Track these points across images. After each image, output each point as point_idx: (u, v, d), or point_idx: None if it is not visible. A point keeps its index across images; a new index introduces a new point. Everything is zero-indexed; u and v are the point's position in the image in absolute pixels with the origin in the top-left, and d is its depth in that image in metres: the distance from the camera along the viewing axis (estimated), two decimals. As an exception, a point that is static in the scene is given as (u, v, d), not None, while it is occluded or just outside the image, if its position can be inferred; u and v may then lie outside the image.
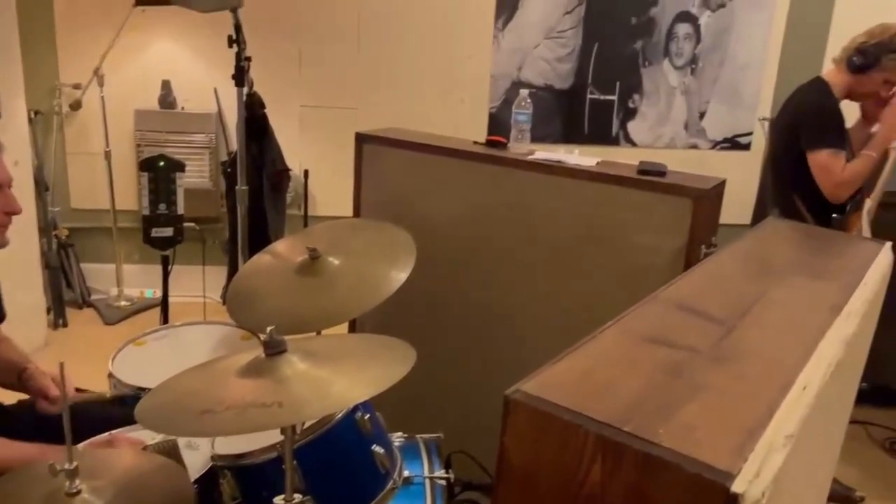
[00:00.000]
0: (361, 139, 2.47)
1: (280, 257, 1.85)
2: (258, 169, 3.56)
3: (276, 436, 1.32)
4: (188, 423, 1.13)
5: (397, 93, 4.05)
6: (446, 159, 2.28)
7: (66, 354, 1.80)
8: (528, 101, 2.28)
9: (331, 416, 1.39)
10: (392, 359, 1.24)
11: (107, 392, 1.78)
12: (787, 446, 0.66)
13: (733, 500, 0.59)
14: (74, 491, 1.10)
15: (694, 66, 4.19)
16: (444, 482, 1.67)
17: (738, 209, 3.04)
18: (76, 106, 3.78)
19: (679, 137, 4.30)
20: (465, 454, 1.96)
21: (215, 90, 3.78)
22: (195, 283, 3.68)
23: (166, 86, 3.86)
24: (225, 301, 1.81)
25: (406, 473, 1.57)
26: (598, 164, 2.11)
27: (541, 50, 4.08)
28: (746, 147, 4.32)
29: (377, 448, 1.45)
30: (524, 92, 2.30)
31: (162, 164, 2.79)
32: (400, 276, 1.69)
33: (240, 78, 2.64)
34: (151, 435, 1.45)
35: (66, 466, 1.10)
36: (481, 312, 2.28)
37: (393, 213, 2.32)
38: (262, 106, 3.45)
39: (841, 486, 2.56)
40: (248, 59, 2.63)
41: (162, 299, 3.01)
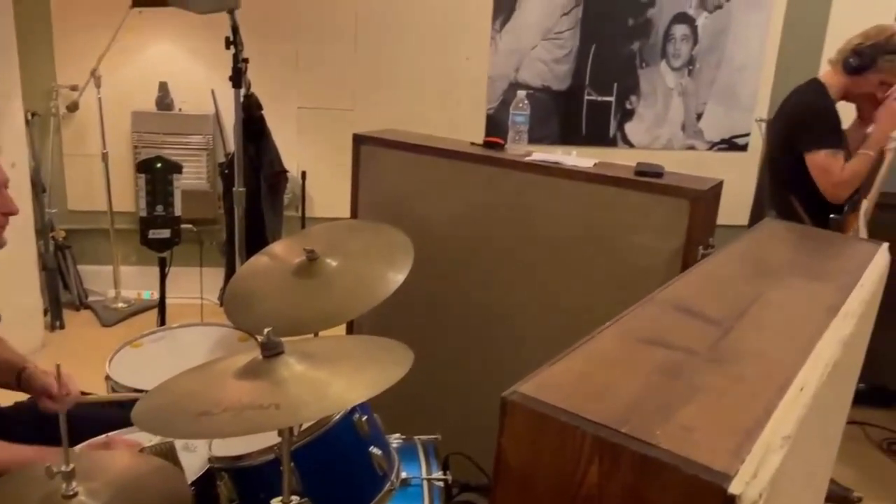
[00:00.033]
0: (359, 140, 2.47)
1: (277, 259, 1.85)
2: (255, 170, 3.56)
3: (273, 437, 1.32)
4: (185, 425, 1.13)
5: (395, 94, 4.05)
6: (444, 160, 2.28)
7: (63, 356, 1.79)
8: (526, 102, 2.28)
9: (328, 418, 1.38)
10: (389, 360, 1.24)
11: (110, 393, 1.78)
12: (784, 447, 0.66)
13: (730, 502, 0.59)
14: (71, 493, 1.10)
15: (691, 68, 4.20)
16: (441, 484, 1.67)
17: (735, 210, 3.05)
18: (73, 107, 3.78)
19: (676, 138, 4.30)
20: (463, 455, 1.95)
21: (213, 92, 3.77)
22: (192, 285, 3.68)
23: (163, 87, 3.85)
24: (222, 303, 1.80)
25: (404, 475, 1.57)
26: (595, 165, 2.11)
27: (538, 51, 4.09)
28: (744, 148, 4.33)
29: (375, 450, 1.45)
30: (521, 93, 2.30)
31: (159, 165, 2.79)
32: (397, 278, 1.69)
33: (237, 79, 2.63)
34: (148, 437, 1.45)
35: (63, 468, 1.10)
36: (479, 314, 2.28)
37: (390, 214, 2.32)
38: (260, 107, 3.44)
39: (838, 486, 2.57)
40: (246, 61, 2.62)
41: (159, 301, 3.01)
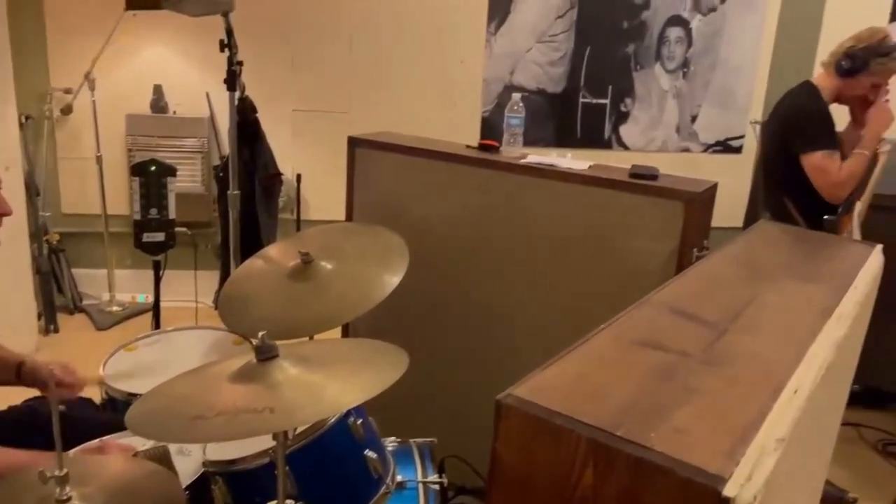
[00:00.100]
0: (354, 143, 2.47)
1: (272, 262, 1.85)
2: (250, 173, 3.55)
3: (268, 441, 1.32)
4: (179, 429, 1.12)
5: (390, 97, 4.05)
6: (439, 163, 2.28)
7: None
8: (521, 104, 2.28)
9: (323, 422, 1.38)
10: (384, 363, 1.23)
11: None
12: (778, 449, 0.66)
13: (725, 504, 0.59)
14: (65, 498, 1.09)
15: (686, 70, 4.21)
16: (437, 487, 1.67)
17: (730, 212, 3.05)
18: (67, 110, 3.77)
19: (671, 141, 4.31)
20: (459, 458, 1.95)
21: (207, 94, 3.77)
22: (187, 288, 3.66)
23: (158, 90, 3.84)
24: (217, 306, 1.80)
25: (399, 478, 1.57)
26: (590, 167, 2.11)
27: (533, 54, 4.09)
28: (738, 150, 4.34)
29: (370, 453, 1.45)
30: (516, 96, 2.31)
31: (153, 168, 2.78)
32: (393, 281, 1.68)
33: (232, 82, 2.63)
34: (143, 441, 1.44)
35: (57, 473, 1.09)
36: (474, 316, 2.28)
37: (386, 216, 2.32)
38: (255, 110, 3.44)
39: (834, 487, 2.57)
40: (240, 64, 2.62)
41: (153, 304, 3.00)
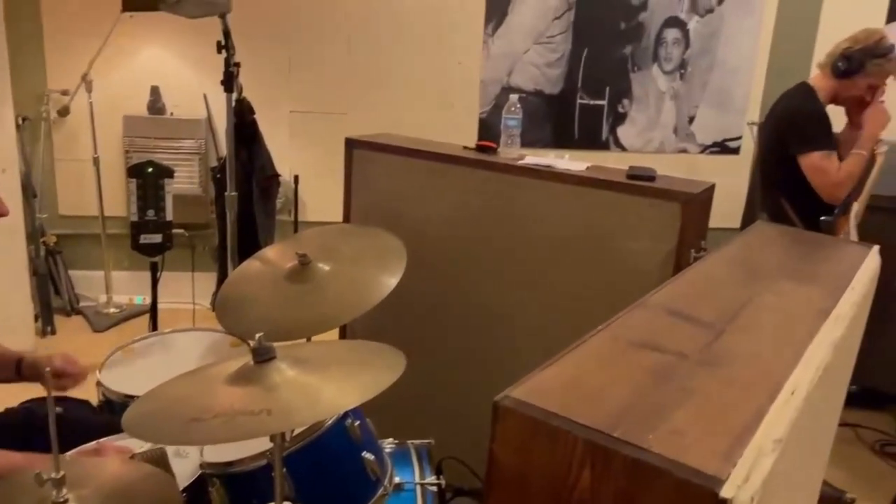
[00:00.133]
0: (351, 144, 2.46)
1: (270, 263, 1.85)
2: (248, 175, 3.55)
3: (265, 443, 1.32)
4: (176, 432, 1.12)
5: (387, 98, 4.05)
6: (436, 164, 2.28)
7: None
8: (518, 106, 2.28)
9: (320, 423, 1.38)
10: (382, 365, 1.23)
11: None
12: (775, 451, 0.66)
13: (722, 506, 0.59)
14: (61, 500, 1.09)
15: (683, 71, 4.21)
16: (435, 488, 1.67)
17: (727, 213, 3.06)
18: (64, 112, 3.76)
19: (669, 142, 4.32)
20: (457, 460, 1.95)
21: (205, 96, 3.77)
22: (185, 290, 3.66)
23: (155, 91, 3.84)
24: (214, 307, 1.79)
25: (397, 480, 1.56)
26: (587, 168, 2.11)
27: (530, 55, 4.10)
28: (736, 151, 4.34)
29: (367, 455, 1.44)
30: (514, 97, 2.31)
31: (150, 170, 2.78)
32: (390, 282, 1.68)
33: (229, 83, 2.63)
34: (139, 443, 1.44)
35: (53, 475, 1.08)
36: (472, 317, 2.28)
37: (383, 218, 2.32)
38: (252, 111, 3.44)
39: (832, 488, 2.57)
40: (238, 65, 2.62)
41: (151, 306, 3.00)
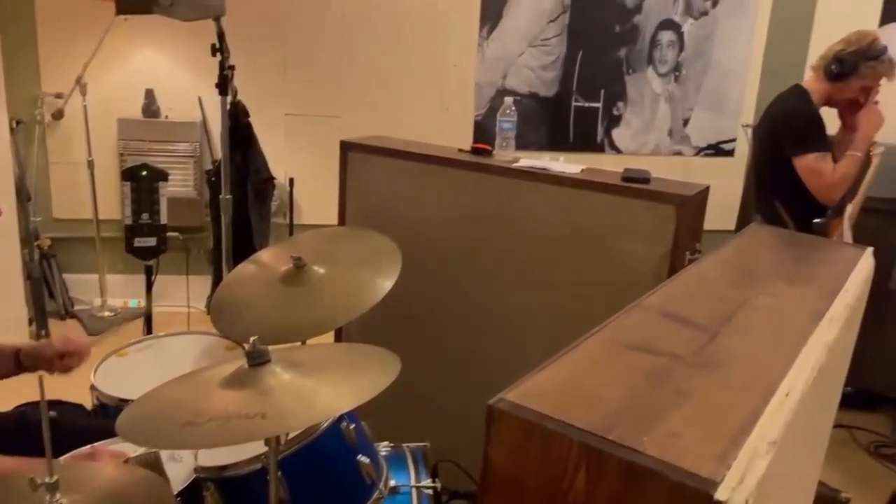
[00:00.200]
0: (346, 147, 2.46)
1: (265, 266, 1.84)
2: (243, 178, 3.54)
3: (260, 446, 1.31)
4: (170, 435, 1.12)
5: (382, 101, 4.05)
6: (431, 167, 2.28)
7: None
8: (513, 108, 2.29)
9: (315, 427, 1.38)
10: (377, 368, 1.23)
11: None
12: (770, 453, 0.66)
13: (717, 508, 0.59)
14: (55, 505, 1.09)
15: (677, 74, 4.22)
16: (430, 491, 1.67)
17: (722, 215, 3.06)
18: (58, 115, 3.75)
19: (663, 144, 4.33)
20: (452, 463, 1.95)
21: (199, 99, 3.76)
22: (179, 293, 3.65)
23: (150, 94, 3.83)
24: (209, 311, 1.79)
25: (392, 483, 1.56)
26: (582, 171, 2.11)
27: (525, 58, 4.10)
28: (730, 153, 4.36)
29: (363, 458, 1.44)
30: (509, 100, 2.31)
31: (144, 173, 2.77)
32: (385, 285, 1.68)
33: (223, 86, 2.62)
34: (134, 447, 1.43)
35: (47, 480, 1.08)
36: (467, 320, 2.28)
37: (378, 221, 2.32)
38: (247, 114, 3.43)
39: (827, 488, 2.58)
40: (232, 68, 2.61)
41: (145, 309, 2.99)
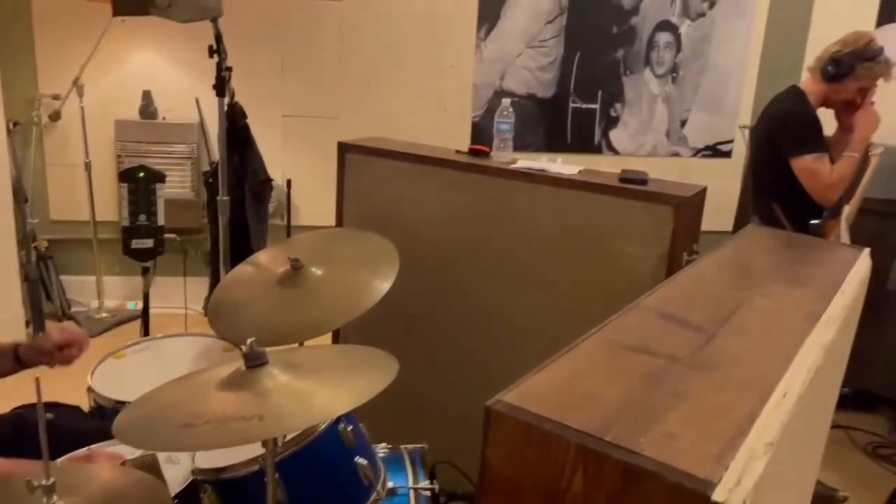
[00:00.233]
0: (344, 148, 2.46)
1: (262, 268, 1.84)
2: (240, 179, 3.54)
3: (257, 448, 1.31)
4: (167, 438, 1.12)
5: (380, 102, 4.05)
6: (429, 168, 2.28)
7: (45, 368, 1.78)
8: (511, 109, 2.29)
9: (313, 429, 1.37)
10: (374, 370, 1.23)
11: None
12: (767, 454, 0.66)
13: (714, 509, 0.59)
14: (51, 508, 1.08)
15: (675, 75, 4.23)
16: (428, 493, 1.67)
17: (719, 216, 3.07)
18: (55, 117, 3.75)
19: (661, 145, 4.33)
20: (450, 464, 1.94)
21: (197, 100, 3.76)
22: (177, 295, 3.65)
23: (147, 96, 3.83)
24: (206, 312, 1.79)
25: (390, 485, 1.56)
26: (580, 172, 2.12)
27: (523, 59, 4.10)
28: (727, 154, 4.36)
29: (360, 460, 1.44)
30: (506, 101, 2.31)
31: (142, 174, 2.77)
32: (383, 286, 1.68)
33: (221, 88, 2.63)
34: (131, 449, 1.43)
35: (44, 482, 1.08)
36: (465, 321, 2.28)
37: (376, 222, 2.31)
38: (244, 116, 3.43)
39: (824, 487, 2.58)
40: (230, 69, 2.62)
41: (143, 311, 2.98)
